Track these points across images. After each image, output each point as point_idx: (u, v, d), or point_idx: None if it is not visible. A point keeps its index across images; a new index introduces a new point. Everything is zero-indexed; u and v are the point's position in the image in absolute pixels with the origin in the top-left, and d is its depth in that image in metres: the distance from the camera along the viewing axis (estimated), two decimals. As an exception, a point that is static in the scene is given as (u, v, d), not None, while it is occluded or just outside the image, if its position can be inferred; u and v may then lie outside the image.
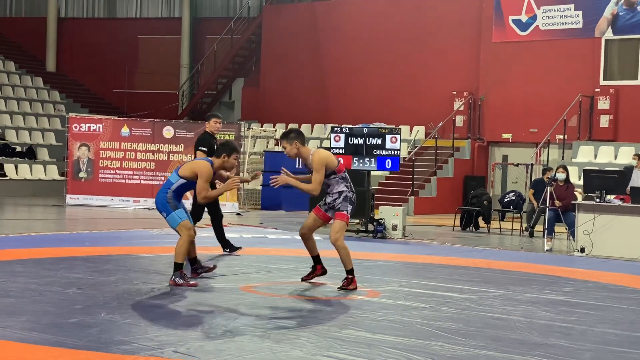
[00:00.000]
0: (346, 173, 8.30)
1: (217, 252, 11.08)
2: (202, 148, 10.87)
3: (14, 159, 24.38)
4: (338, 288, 8.31)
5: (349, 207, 8.20)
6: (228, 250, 11.09)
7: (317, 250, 8.58)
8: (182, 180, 8.26)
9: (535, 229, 15.76)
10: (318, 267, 8.67)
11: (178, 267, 8.23)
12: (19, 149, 25.07)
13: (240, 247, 11.18)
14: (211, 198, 8.61)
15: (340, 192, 8.17)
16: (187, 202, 10.15)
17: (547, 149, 21.32)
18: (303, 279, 8.72)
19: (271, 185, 8.24)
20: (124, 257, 10.40)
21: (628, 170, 13.91)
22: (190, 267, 8.69)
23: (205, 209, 10.85)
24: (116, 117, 22.81)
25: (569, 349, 6.00)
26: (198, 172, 8.20)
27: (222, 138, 19.13)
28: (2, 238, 12.12)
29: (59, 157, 24.86)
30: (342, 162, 8.44)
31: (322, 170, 8.07)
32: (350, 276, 8.31)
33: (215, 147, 10.91)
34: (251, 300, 7.55)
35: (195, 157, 10.81)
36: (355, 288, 8.27)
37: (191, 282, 8.22)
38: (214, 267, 8.92)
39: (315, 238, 8.66)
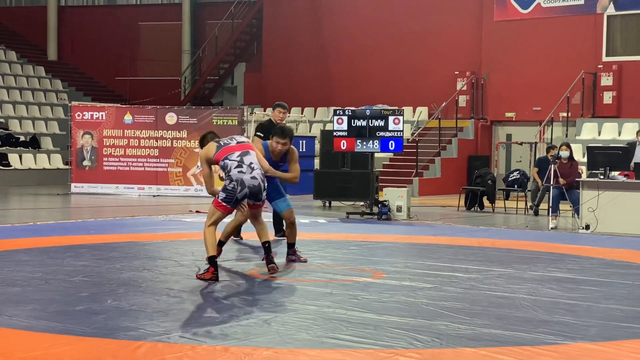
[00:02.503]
0: (226, 160, 7.72)
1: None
2: (259, 134, 10.70)
3: (18, 148, 24.42)
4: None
5: (221, 194, 7.72)
6: (280, 235, 11.06)
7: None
8: None
9: (539, 207, 15.76)
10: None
11: (289, 246, 9.02)
12: (22, 138, 25.10)
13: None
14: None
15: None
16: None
17: (551, 126, 21.28)
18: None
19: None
20: (130, 244, 10.43)
21: (631, 146, 13.87)
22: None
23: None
24: (119, 105, 22.81)
25: (574, 325, 6.02)
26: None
27: (223, 124, 19.16)
28: (8, 227, 12.16)
29: (62, 146, 24.90)
30: (224, 147, 7.80)
31: (203, 164, 7.90)
32: (211, 267, 7.62)
33: None
34: (257, 284, 7.57)
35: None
36: (212, 279, 7.53)
37: (301, 258, 8.98)
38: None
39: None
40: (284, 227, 9.78)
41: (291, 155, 8.78)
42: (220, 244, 8.61)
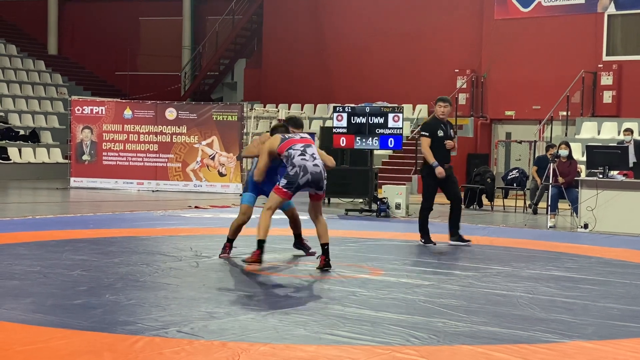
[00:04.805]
0: (290, 150, 8.08)
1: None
2: (423, 133, 10.56)
3: (18, 142, 24.42)
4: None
5: (283, 181, 8.06)
6: (455, 239, 10.71)
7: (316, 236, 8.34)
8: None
9: (538, 206, 15.76)
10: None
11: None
12: (22, 132, 25.09)
13: (469, 241, 10.63)
14: None
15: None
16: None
17: (550, 125, 21.28)
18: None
19: None
20: (128, 239, 10.44)
21: (623, 150, 13.76)
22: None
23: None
24: (119, 100, 22.81)
25: (571, 324, 6.03)
26: None
27: (222, 119, 19.12)
28: (7, 221, 12.17)
29: (62, 140, 24.88)
30: (287, 139, 8.18)
31: (264, 155, 8.22)
32: (257, 250, 8.18)
33: (440, 132, 10.50)
34: (255, 280, 7.58)
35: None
36: (255, 261, 8.12)
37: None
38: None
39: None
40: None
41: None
42: (229, 241, 8.81)
